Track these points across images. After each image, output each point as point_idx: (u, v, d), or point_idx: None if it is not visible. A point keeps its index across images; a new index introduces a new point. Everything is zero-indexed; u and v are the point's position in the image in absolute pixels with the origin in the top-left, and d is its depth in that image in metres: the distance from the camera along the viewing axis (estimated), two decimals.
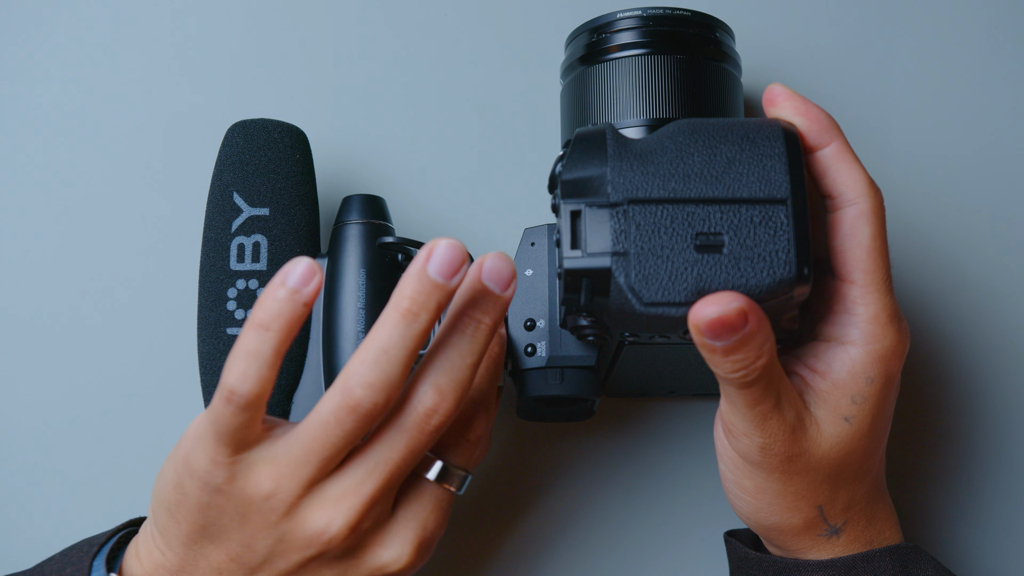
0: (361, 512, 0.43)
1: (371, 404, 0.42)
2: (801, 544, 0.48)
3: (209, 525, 0.44)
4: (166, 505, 0.45)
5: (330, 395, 0.43)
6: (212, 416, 0.42)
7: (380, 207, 0.54)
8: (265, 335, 0.41)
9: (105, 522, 0.56)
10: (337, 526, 0.43)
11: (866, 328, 0.45)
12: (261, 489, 0.43)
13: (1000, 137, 0.62)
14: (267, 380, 0.41)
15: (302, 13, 0.62)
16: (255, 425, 0.43)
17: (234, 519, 0.44)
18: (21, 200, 0.60)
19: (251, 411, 0.42)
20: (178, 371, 0.58)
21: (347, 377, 0.42)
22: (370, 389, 0.42)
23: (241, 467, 0.43)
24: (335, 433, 0.42)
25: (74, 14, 0.62)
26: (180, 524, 0.44)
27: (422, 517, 0.45)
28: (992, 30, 0.63)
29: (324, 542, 0.43)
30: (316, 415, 0.43)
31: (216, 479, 0.43)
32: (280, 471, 0.43)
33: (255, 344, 0.41)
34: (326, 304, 0.52)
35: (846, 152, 0.45)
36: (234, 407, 0.41)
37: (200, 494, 0.43)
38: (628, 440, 0.59)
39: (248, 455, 0.43)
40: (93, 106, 0.61)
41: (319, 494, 0.43)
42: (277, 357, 0.41)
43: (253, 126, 0.53)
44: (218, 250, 0.52)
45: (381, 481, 0.43)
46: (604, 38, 0.52)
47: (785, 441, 0.45)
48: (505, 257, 0.43)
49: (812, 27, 0.63)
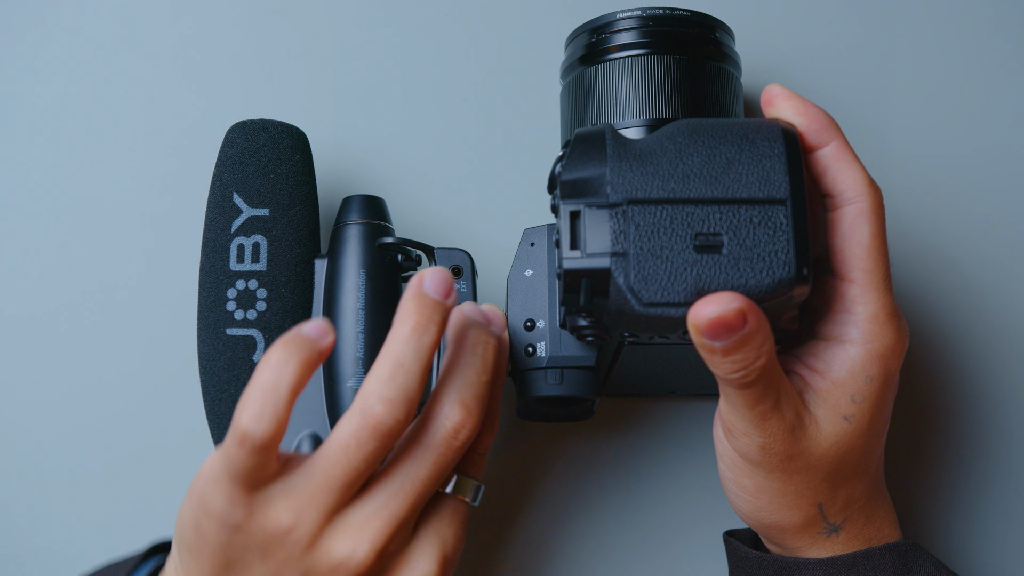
0: (387, 536, 0.43)
1: (392, 420, 0.41)
2: (801, 542, 0.48)
3: (232, 563, 0.43)
4: (187, 546, 0.44)
5: (348, 418, 0.42)
6: (225, 459, 0.41)
7: (380, 207, 0.54)
8: (282, 372, 0.40)
9: (105, 522, 0.56)
10: (363, 552, 0.42)
11: (865, 327, 0.45)
12: (281, 524, 0.42)
13: (1000, 137, 0.62)
14: (282, 421, 0.40)
15: (303, 14, 0.62)
16: (270, 464, 0.42)
17: (256, 556, 0.43)
18: (21, 200, 0.60)
19: (265, 452, 0.41)
20: (178, 371, 0.58)
21: (365, 397, 0.42)
22: (390, 404, 0.41)
23: (259, 504, 0.42)
24: (356, 456, 0.42)
25: (75, 15, 0.62)
26: (202, 564, 0.43)
27: (442, 532, 0.45)
28: (992, 30, 0.63)
29: (351, 568, 0.42)
30: (335, 440, 0.42)
31: (234, 518, 0.42)
32: (300, 504, 0.42)
33: (271, 381, 0.40)
34: (326, 305, 0.52)
35: (846, 151, 0.45)
36: (248, 449, 0.40)
37: (219, 534, 0.42)
38: (628, 440, 0.59)
39: (265, 492, 0.42)
40: (93, 107, 0.61)
41: (342, 522, 0.43)
42: (292, 396, 0.40)
43: (253, 127, 0.53)
44: (218, 250, 0.52)
45: (408, 502, 0.43)
46: (604, 38, 0.52)
47: (784, 440, 0.45)
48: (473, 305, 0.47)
49: (812, 27, 0.63)
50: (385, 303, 0.52)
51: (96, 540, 0.56)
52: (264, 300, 0.51)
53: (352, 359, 0.51)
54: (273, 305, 0.51)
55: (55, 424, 0.59)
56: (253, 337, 0.51)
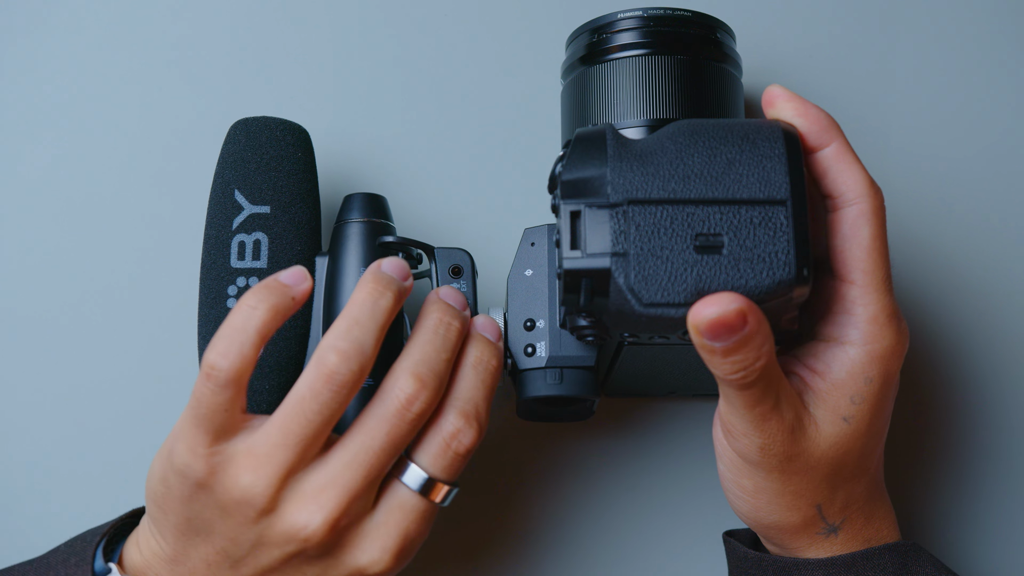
0: (341, 507, 0.43)
1: (346, 370, 0.43)
2: (799, 542, 0.48)
3: (194, 518, 0.44)
4: (154, 498, 0.45)
5: (304, 373, 0.43)
6: (193, 399, 0.43)
7: (381, 206, 0.54)
8: (251, 313, 0.43)
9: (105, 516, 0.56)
10: (317, 522, 0.43)
11: (865, 328, 0.45)
12: (240, 482, 0.43)
13: (1000, 137, 0.62)
14: (248, 359, 0.42)
15: (305, 12, 0.62)
16: (234, 409, 0.43)
17: (216, 514, 0.44)
18: (22, 197, 0.60)
19: (231, 389, 0.42)
20: (179, 367, 0.58)
21: (320, 350, 0.43)
22: (343, 355, 0.43)
23: (220, 459, 0.43)
24: (311, 408, 0.43)
25: (77, 12, 0.62)
26: (168, 516, 0.45)
27: (404, 526, 0.45)
28: (992, 30, 0.63)
29: (303, 539, 0.43)
30: (292, 394, 0.43)
31: (196, 472, 0.43)
32: (258, 460, 0.43)
33: (240, 322, 0.43)
34: (326, 302, 0.52)
35: (846, 152, 0.45)
36: (213, 383, 0.42)
37: (182, 488, 0.44)
38: (627, 440, 0.60)
39: (227, 446, 0.43)
40: (96, 104, 0.61)
41: (298, 487, 0.43)
42: (260, 338, 0.43)
43: (255, 124, 0.53)
44: (219, 247, 0.52)
45: (362, 472, 0.44)
46: (605, 38, 0.52)
47: (784, 441, 0.45)
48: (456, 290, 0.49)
49: (813, 28, 0.63)
50: None
51: None
52: None
53: None
54: None
55: (55, 419, 0.59)
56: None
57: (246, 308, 0.43)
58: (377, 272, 0.46)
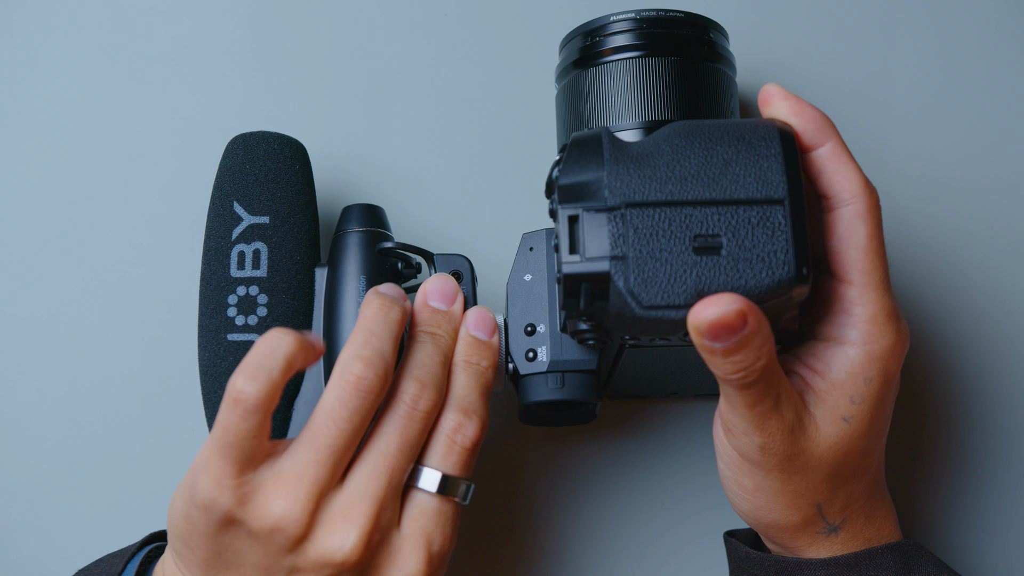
0: (372, 522, 0.43)
1: (372, 376, 0.43)
2: (799, 542, 0.48)
3: (223, 552, 0.44)
4: (178, 534, 0.44)
5: (329, 386, 0.44)
6: (218, 427, 0.42)
7: (379, 216, 0.54)
8: (279, 342, 0.42)
9: (106, 526, 0.56)
10: (351, 541, 0.43)
11: (864, 328, 0.45)
12: (271, 510, 0.42)
13: (999, 138, 0.62)
14: (276, 385, 0.42)
15: (301, 26, 0.62)
16: (261, 437, 0.42)
17: (247, 545, 0.43)
18: (22, 209, 0.60)
19: (258, 416, 0.42)
20: (179, 378, 0.58)
21: (342, 362, 0.44)
22: (367, 362, 0.43)
23: (248, 489, 0.42)
24: (341, 417, 0.43)
25: (74, 27, 0.62)
26: (194, 552, 0.44)
27: (429, 532, 0.45)
28: (991, 30, 0.63)
29: (339, 562, 0.43)
30: (320, 409, 0.43)
31: (223, 505, 0.42)
32: (288, 484, 0.42)
33: (268, 348, 0.42)
34: (326, 311, 0.52)
35: (842, 152, 0.45)
36: (240, 411, 0.41)
37: (208, 523, 0.43)
38: (630, 442, 0.60)
39: (254, 476, 0.43)
40: (94, 117, 0.61)
41: (329, 509, 0.43)
42: (288, 364, 0.42)
43: (253, 138, 0.54)
44: (219, 258, 0.52)
45: (384, 481, 0.44)
46: (598, 41, 0.52)
47: (784, 441, 0.45)
48: (445, 277, 0.50)
49: (807, 27, 0.63)
50: None
51: (96, 542, 0.56)
52: (265, 306, 0.51)
53: None
54: (274, 311, 0.52)
55: (56, 430, 0.59)
56: (254, 343, 0.51)
57: (274, 336, 0.43)
58: (379, 291, 0.48)
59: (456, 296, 0.50)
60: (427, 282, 0.50)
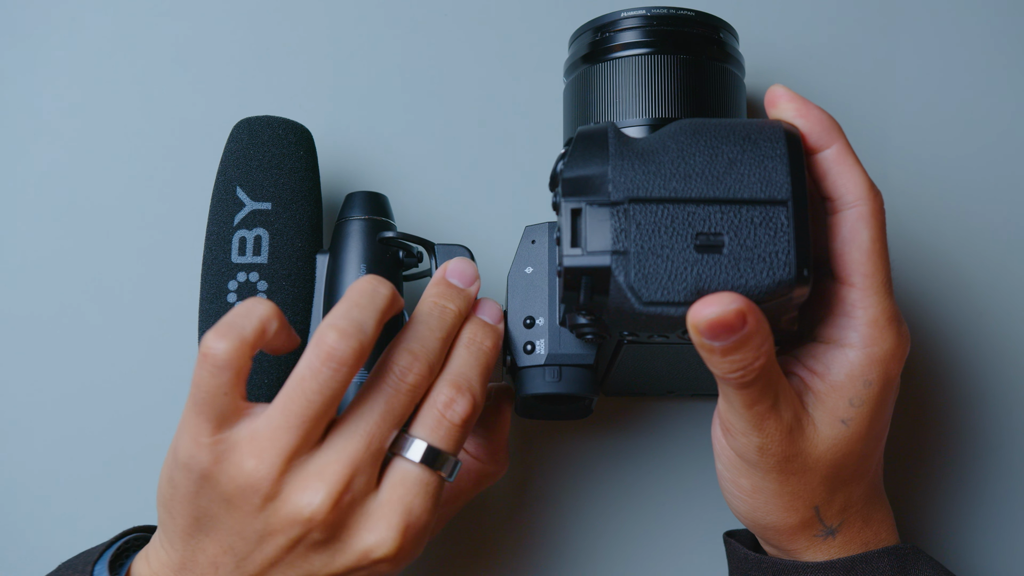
0: (343, 481, 0.43)
1: (345, 347, 0.43)
2: (796, 544, 0.48)
3: (201, 515, 0.44)
4: (162, 501, 0.45)
5: (304, 354, 0.44)
6: (192, 385, 0.43)
7: (382, 204, 0.54)
8: (256, 304, 0.43)
9: (105, 517, 0.56)
10: (320, 499, 0.43)
11: (865, 331, 0.45)
12: (243, 468, 0.43)
13: (1000, 138, 0.62)
14: (247, 343, 0.42)
15: (307, 13, 0.62)
16: (234, 394, 0.43)
17: (222, 506, 0.44)
18: (24, 193, 0.60)
19: (228, 372, 0.42)
20: (180, 364, 0.58)
21: (319, 330, 0.44)
22: (341, 332, 0.43)
23: (223, 448, 0.43)
24: (311, 387, 0.43)
25: (80, 12, 0.62)
26: (175, 519, 0.45)
27: (407, 501, 0.44)
28: (993, 32, 0.63)
29: (307, 519, 0.43)
30: (292, 376, 0.43)
31: (200, 463, 0.43)
32: (261, 445, 0.43)
33: (243, 309, 0.43)
34: (326, 299, 0.52)
35: (847, 155, 0.45)
36: (210, 365, 0.42)
37: (188, 483, 0.44)
38: (626, 439, 0.60)
39: (229, 434, 0.43)
40: (100, 103, 0.61)
41: (301, 469, 0.43)
42: (261, 325, 0.43)
43: (258, 123, 0.54)
44: (220, 243, 0.52)
45: (362, 443, 0.44)
46: (608, 37, 0.52)
47: (782, 442, 0.45)
48: (468, 261, 0.50)
49: (815, 28, 0.63)
50: None
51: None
52: (265, 292, 0.52)
53: None
54: (274, 297, 0.52)
55: (57, 413, 0.59)
56: None
57: (252, 301, 0.43)
58: (372, 274, 0.47)
59: (475, 280, 0.50)
60: (449, 262, 0.50)
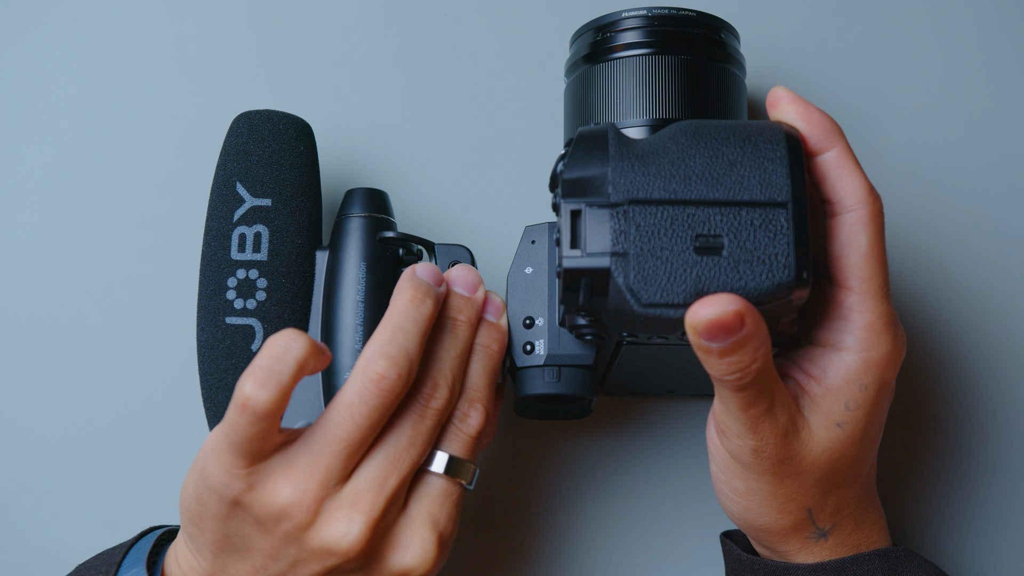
0: (379, 511, 0.43)
1: (395, 375, 0.43)
2: (788, 546, 0.48)
3: (232, 536, 0.44)
4: (189, 516, 0.45)
5: (350, 381, 0.43)
6: (226, 426, 0.42)
7: (383, 201, 0.54)
8: (291, 344, 0.42)
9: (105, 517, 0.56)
10: (356, 530, 0.43)
11: (862, 335, 0.45)
12: (279, 497, 0.42)
13: (1000, 140, 0.62)
14: (286, 390, 0.41)
15: (309, 7, 0.62)
16: (271, 436, 0.42)
17: (254, 531, 0.43)
18: (23, 189, 0.60)
19: (266, 421, 0.41)
20: (179, 361, 0.58)
21: (366, 358, 0.43)
22: (391, 360, 0.43)
23: (258, 477, 0.43)
24: (360, 413, 0.43)
25: (78, 8, 0.62)
26: (205, 534, 0.44)
27: (434, 513, 0.45)
28: (993, 31, 0.63)
29: (344, 550, 0.43)
30: (338, 402, 0.43)
31: (232, 491, 0.43)
32: (299, 473, 0.43)
33: (279, 351, 0.41)
34: (325, 297, 0.52)
35: (847, 158, 0.45)
36: (248, 416, 0.41)
37: (218, 507, 0.43)
38: (625, 439, 0.60)
39: (265, 465, 0.43)
40: (99, 98, 0.61)
41: (336, 497, 0.43)
42: (299, 368, 0.42)
43: (258, 117, 0.53)
44: (219, 239, 0.52)
45: (396, 470, 0.44)
46: (609, 37, 0.51)
47: (777, 444, 0.45)
48: (470, 268, 0.50)
49: (817, 30, 0.63)
50: (385, 296, 0.52)
51: (96, 541, 0.55)
52: (264, 290, 0.51)
53: (351, 351, 0.51)
54: (273, 295, 0.52)
55: (57, 409, 0.59)
56: (252, 326, 0.51)
57: (286, 338, 0.42)
58: (415, 279, 0.47)
59: (479, 285, 0.50)
60: (452, 270, 0.50)
